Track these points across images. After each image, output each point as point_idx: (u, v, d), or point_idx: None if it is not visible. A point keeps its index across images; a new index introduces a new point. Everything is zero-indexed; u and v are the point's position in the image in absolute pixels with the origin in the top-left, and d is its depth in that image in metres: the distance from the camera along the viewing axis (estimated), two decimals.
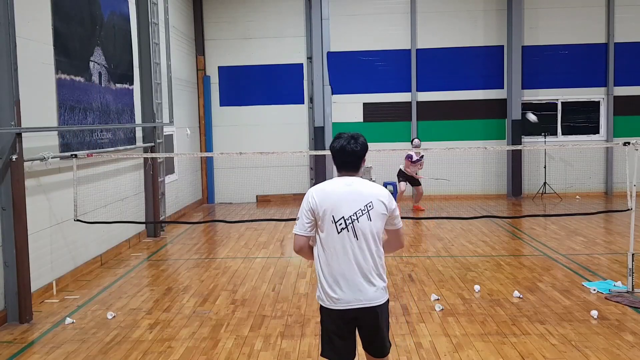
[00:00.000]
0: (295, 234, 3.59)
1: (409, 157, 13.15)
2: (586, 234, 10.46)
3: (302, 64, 15.76)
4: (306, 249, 3.65)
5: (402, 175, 13.50)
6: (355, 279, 3.50)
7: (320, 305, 3.66)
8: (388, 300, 3.66)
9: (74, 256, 8.19)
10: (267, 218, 12.83)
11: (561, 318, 6.17)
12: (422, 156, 13.40)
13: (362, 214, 3.50)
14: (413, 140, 13.89)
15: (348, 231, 3.49)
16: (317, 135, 15.43)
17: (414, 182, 13.54)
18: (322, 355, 3.71)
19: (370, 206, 3.52)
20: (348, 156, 3.58)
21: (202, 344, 5.72)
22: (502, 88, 15.43)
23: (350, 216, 3.49)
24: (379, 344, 3.66)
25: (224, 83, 15.82)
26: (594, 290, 7.02)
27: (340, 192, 3.54)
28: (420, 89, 15.53)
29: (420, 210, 13.48)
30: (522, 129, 15.22)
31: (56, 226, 7.68)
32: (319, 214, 3.52)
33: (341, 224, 3.49)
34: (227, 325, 6.22)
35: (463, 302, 6.78)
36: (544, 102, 15.63)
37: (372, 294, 3.52)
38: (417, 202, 13.78)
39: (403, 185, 13.49)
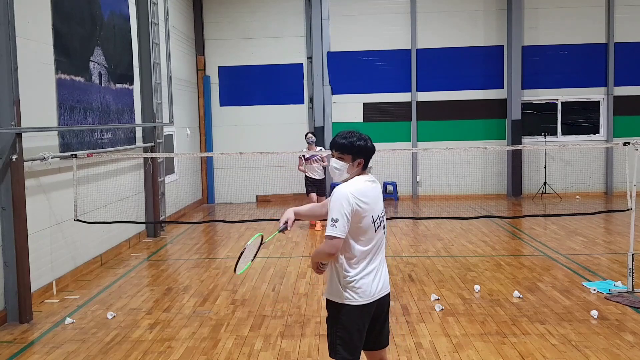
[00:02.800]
0: (337, 236, 3.47)
1: (308, 158, 11.63)
2: (586, 234, 10.46)
3: (302, 64, 15.76)
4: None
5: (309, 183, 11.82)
6: (385, 270, 3.79)
7: (346, 306, 3.61)
8: None
9: (74, 256, 8.19)
10: (267, 218, 12.82)
11: (561, 318, 6.17)
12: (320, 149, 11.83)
13: (384, 210, 3.80)
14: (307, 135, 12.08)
15: (381, 227, 3.72)
16: (317, 135, 15.40)
17: (320, 188, 11.89)
18: (334, 357, 3.67)
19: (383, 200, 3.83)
20: (373, 153, 3.74)
21: (202, 344, 5.72)
22: (502, 88, 15.43)
23: (381, 213, 3.73)
24: (387, 331, 3.87)
25: (224, 83, 15.83)
26: (594, 290, 7.02)
27: (373, 191, 3.68)
28: (420, 89, 15.53)
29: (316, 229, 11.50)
30: (522, 129, 15.23)
31: (56, 226, 7.68)
32: (360, 215, 3.53)
33: (377, 222, 3.67)
34: (227, 325, 6.22)
35: (463, 302, 6.78)
36: (544, 102, 15.63)
37: (388, 281, 3.82)
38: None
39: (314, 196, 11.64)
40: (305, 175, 11.80)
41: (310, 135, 11.88)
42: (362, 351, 3.78)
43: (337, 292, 3.63)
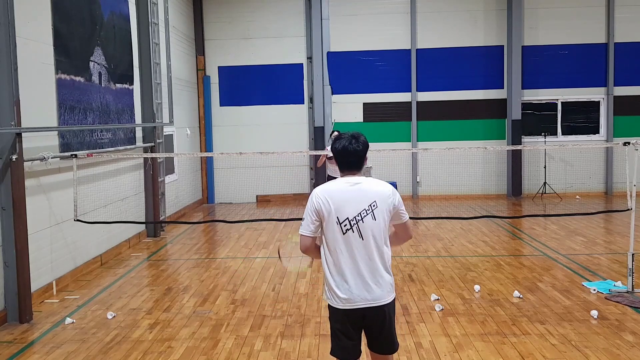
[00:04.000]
0: (301, 234, 3.60)
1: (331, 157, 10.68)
2: (586, 234, 10.46)
3: (302, 64, 15.76)
4: (312, 249, 3.66)
5: None
6: (362, 279, 3.53)
7: (328, 305, 3.68)
8: (395, 298, 3.69)
9: (74, 256, 8.19)
10: (267, 218, 12.82)
11: (561, 318, 6.17)
12: None
13: (367, 214, 3.52)
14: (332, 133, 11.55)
15: (353, 232, 3.51)
16: (317, 135, 15.42)
17: None
18: (331, 354, 3.73)
19: (374, 205, 3.53)
20: (350, 156, 3.60)
21: (202, 344, 5.72)
22: (502, 88, 15.43)
23: (354, 217, 3.51)
24: (386, 341, 3.69)
25: (224, 83, 15.83)
26: (594, 290, 7.02)
27: (344, 193, 3.55)
28: (420, 89, 15.53)
29: None
30: (522, 129, 15.24)
31: (56, 226, 7.68)
32: (323, 215, 3.54)
33: (346, 225, 3.51)
34: (227, 325, 6.22)
35: (463, 302, 6.78)
36: (544, 102, 15.63)
37: (380, 293, 3.55)
38: None
39: None
40: (328, 175, 11.54)
41: (335, 133, 11.42)
42: (368, 350, 3.78)
43: (324, 290, 3.71)
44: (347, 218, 3.51)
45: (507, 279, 7.71)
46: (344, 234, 3.51)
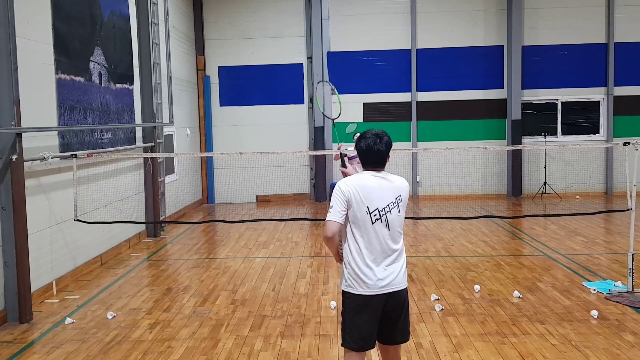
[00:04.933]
0: (330, 220, 3.74)
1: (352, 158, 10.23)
2: (586, 234, 10.46)
3: (302, 64, 15.76)
4: (337, 237, 3.81)
5: None
6: (387, 265, 3.75)
7: (348, 294, 3.79)
8: None
9: (74, 256, 8.19)
10: (267, 218, 12.82)
11: (561, 318, 6.17)
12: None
13: (394, 207, 3.77)
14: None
15: (382, 222, 3.74)
16: (317, 135, 15.42)
17: None
18: (342, 345, 3.84)
19: (399, 199, 3.81)
20: (374, 155, 3.81)
21: (202, 344, 5.72)
22: (502, 88, 15.43)
23: (383, 208, 3.74)
24: (403, 327, 3.86)
25: (224, 83, 15.83)
26: (594, 290, 7.02)
27: (374, 185, 3.76)
28: (420, 89, 15.53)
29: None
30: (522, 129, 15.24)
31: (56, 226, 7.68)
32: (352, 204, 3.72)
33: (375, 215, 3.72)
34: (227, 325, 6.22)
35: (463, 302, 6.78)
36: (544, 102, 15.64)
37: (401, 278, 3.80)
38: None
39: None
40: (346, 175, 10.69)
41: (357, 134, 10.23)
42: (377, 343, 3.87)
43: (343, 279, 3.84)
44: (377, 208, 3.72)
45: (507, 279, 7.71)
46: (373, 223, 3.72)
